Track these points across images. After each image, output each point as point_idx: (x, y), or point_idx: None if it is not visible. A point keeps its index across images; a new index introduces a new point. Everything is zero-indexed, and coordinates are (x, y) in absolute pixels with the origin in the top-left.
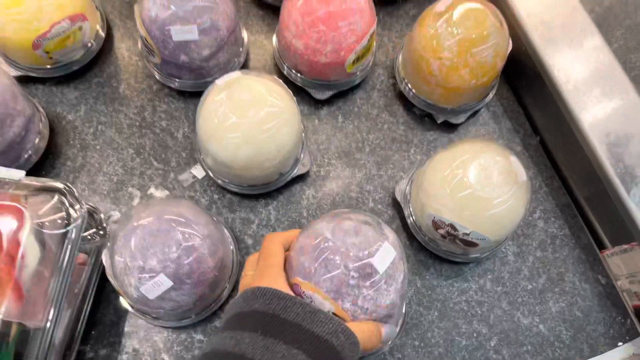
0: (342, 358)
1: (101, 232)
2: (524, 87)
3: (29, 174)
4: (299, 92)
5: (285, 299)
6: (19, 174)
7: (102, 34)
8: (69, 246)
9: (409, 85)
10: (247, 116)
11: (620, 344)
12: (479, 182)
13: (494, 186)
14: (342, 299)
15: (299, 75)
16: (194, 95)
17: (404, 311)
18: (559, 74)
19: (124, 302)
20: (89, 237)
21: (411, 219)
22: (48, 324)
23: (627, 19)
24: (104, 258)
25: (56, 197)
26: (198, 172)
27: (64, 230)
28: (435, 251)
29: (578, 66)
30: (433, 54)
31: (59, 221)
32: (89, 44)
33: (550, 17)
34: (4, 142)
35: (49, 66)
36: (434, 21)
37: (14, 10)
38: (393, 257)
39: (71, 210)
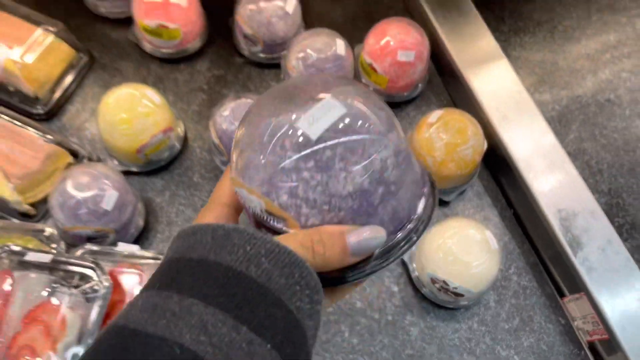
0: (267, 291)
1: None
2: (498, 172)
3: None
4: None
5: (197, 232)
6: (135, 248)
7: (182, 136)
8: None
9: None
10: None
11: None
12: (463, 250)
13: (474, 253)
14: (276, 191)
15: None
16: None
17: (420, 208)
18: (522, 165)
19: None
20: None
21: (415, 273)
22: None
23: (581, 115)
24: None
25: None
26: None
27: None
28: (434, 300)
29: (537, 158)
30: (428, 152)
31: None
32: (173, 146)
33: (514, 118)
34: (120, 223)
35: (143, 163)
36: (428, 128)
37: (124, 126)
38: (339, 117)
39: None
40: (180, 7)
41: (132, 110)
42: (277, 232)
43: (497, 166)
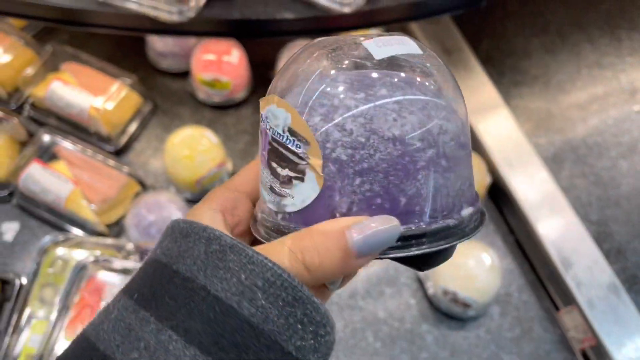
0: (261, 333)
1: None
2: (501, 204)
3: None
4: None
5: (190, 235)
6: None
7: (230, 171)
8: None
9: None
10: None
11: None
12: (471, 266)
13: (480, 269)
14: (310, 108)
15: None
16: None
17: (465, 213)
18: (521, 198)
19: None
20: None
21: (431, 290)
22: None
23: (572, 155)
24: None
25: None
26: None
27: None
28: (446, 311)
29: (534, 193)
30: None
31: None
32: (224, 178)
33: (514, 158)
34: None
35: (198, 192)
36: None
37: (187, 161)
38: (413, 54)
39: None
40: (232, 64)
41: (194, 148)
42: (292, 159)
43: (500, 199)
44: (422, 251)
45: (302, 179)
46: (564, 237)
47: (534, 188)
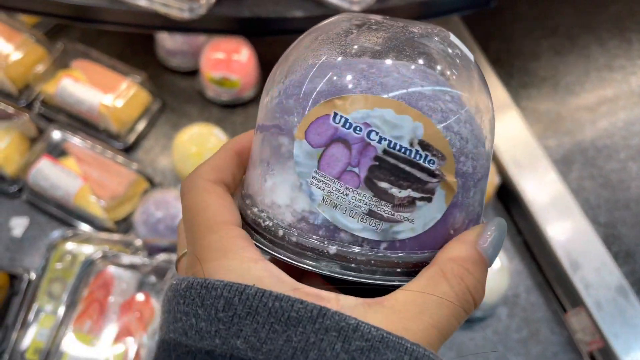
0: None
1: None
2: (510, 205)
3: None
4: None
5: (301, 321)
6: None
7: None
8: None
9: None
10: None
11: None
12: None
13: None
14: (435, 110)
15: None
16: None
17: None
18: (530, 200)
19: None
20: None
21: None
22: None
23: (581, 158)
24: None
25: None
26: None
27: None
28: None
29: (543, 194)
30: None
31: None
32: None
33: (523, 159)
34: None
35: None
36: None
37: (195, 159)
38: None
39: None
40: (241, 63)
41: (202, 145)
42: (419, 177)
43: (508, 200)
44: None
45: (429, 199)
46: (573, 239)
47: (542, 190)
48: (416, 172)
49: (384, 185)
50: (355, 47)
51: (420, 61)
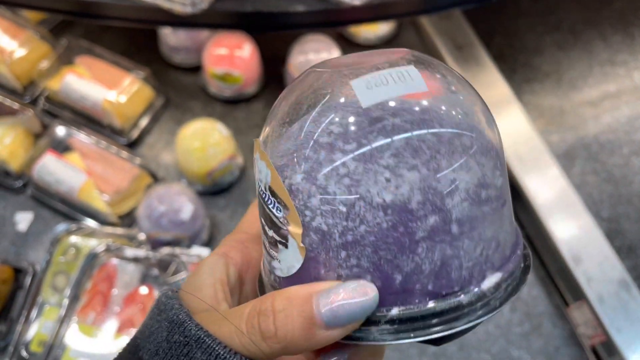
0: None
1: None
2: (512, 200)
3: None
4: None
5: (162, 313)
6: (206, 251)
7: (241, 164)
8: None
9: None
10: None
11: None
12: None
13: None
14: (292, 166)
15: None
16: None
17: (488, 283)
18: (532, 194)
19: None
20: None
21: None
22: None
23: (584, 152)
24: None
25: None
26: None
27: None
28: None
29: (546, 189)
30: None
31: None
32: (235, 172)
33: (525, 154)
34: (193, 231)
35: (210, 185)
36: None
37: (198, 154)
38: (415, 94)
39: None
40: (243, 58)
41: (205, 140)
42: (275, 222)
43: (511, 195)
44: (426, 337)
45: (285, 245)
46: (575, 233)
47: (545, 184)
48: (272, 216)
49: (262, 221)
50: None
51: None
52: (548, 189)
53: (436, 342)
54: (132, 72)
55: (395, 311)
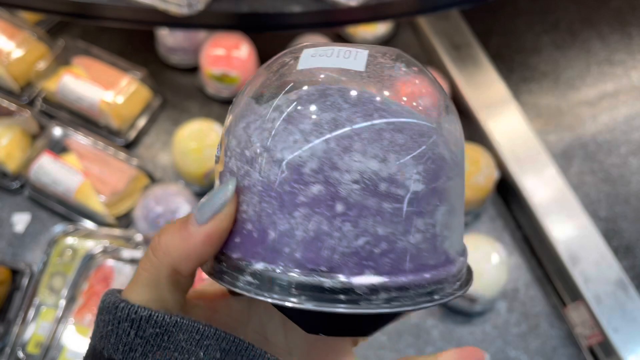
0: None
1: None
2: (509, 199)
3: None
4: None
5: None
6: None
7: None
8: None
9: None
10: None
11: None
12: (478, 260)
13: (487, 263)
14: (236, 120)
15: None
16: None
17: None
18: (529, 194)
19: None
20: None
21: None
22: None
23: (581, 152)
24: None
25: None
26: None
27: None
28: (453, 306)
29: (543, 188)
30: None
31: None
32: None
33: (522, 153)
34: None
35: (206, 185)
36: None
37: (195, 154)
38: (352, 65)
39: None
40: (240, 59)
41: (202, 141)
42: (215, 163)
43: (508, 195)
44: (280, 302)
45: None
46: (572, 233)
47: (542, 184)
48: (215, 158)
49: None
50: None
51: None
52: (545, 188)
53: (304, 323)
54: (129, 73)
55: (260, 266)
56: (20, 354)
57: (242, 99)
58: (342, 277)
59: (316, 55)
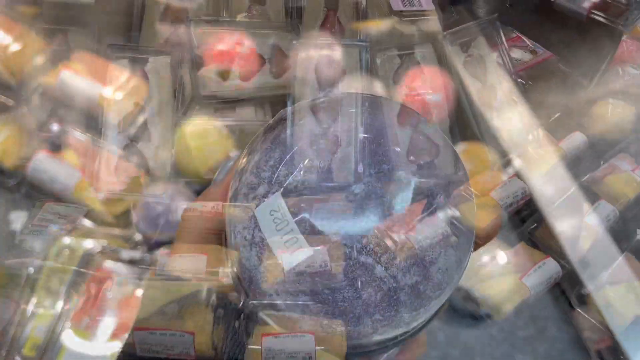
0: None
1: None
2: None
3: None
4: None
5: None
6: None
7: None
8: None
9: None
10: None
11: None
12: (484, 264)
13: (493, 267)
14: None
15: None
16: None
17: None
18: (537, 193)
19: None
20: None
21: None
22: None
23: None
24: None
25: None
26: None
27: None
28: (458, 309)
29: (551, 187)
30: None
31: None
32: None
33: (531, 153)
34: None
35: (207, 185)
36: None
37: (196, 152)
38: None
39: None
40: (243, 55)
41: (203, 139)
42: None
43: None
44: None
45: None
46: (582, 235)
47: (551, 185)
48: None
49: None
50: None
51: None
52: (554, 189)
53: None
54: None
55: None
56: (17, 357)
57: None
58: None
59: None
